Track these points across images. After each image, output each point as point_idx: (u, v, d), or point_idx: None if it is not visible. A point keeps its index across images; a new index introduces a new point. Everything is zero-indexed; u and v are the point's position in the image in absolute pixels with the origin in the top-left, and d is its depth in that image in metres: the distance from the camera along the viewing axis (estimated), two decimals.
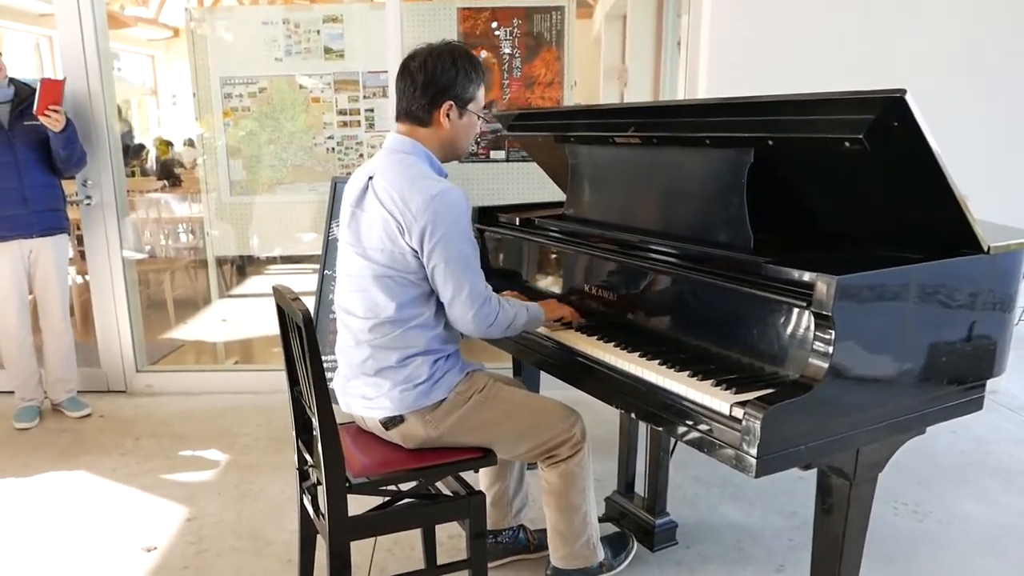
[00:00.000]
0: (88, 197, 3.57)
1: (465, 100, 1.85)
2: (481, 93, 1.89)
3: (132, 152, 7.99)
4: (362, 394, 1.85)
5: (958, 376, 1.64)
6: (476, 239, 1.87)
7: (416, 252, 1.75)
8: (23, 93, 3.23)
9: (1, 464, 3.02)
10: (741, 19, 3.29)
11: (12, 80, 3.25)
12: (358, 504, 1.73)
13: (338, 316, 1.92)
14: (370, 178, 1.83)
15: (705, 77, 3.34)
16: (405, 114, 1.86)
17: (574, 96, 3.84)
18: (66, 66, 3.48)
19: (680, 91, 3.60)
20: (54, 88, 3.16)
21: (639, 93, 5.50)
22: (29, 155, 3.23)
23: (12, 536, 2.49)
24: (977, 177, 2.25)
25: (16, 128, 3.20)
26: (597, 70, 7.22)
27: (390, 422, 1.83)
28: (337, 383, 1.94)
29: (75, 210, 3.64)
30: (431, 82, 1.80)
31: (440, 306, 1.82)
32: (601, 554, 2.06)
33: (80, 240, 3.79)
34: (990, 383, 1.73)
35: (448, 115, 1.83)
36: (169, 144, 8.77)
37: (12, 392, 3.46)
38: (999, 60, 3.33)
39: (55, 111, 3.15)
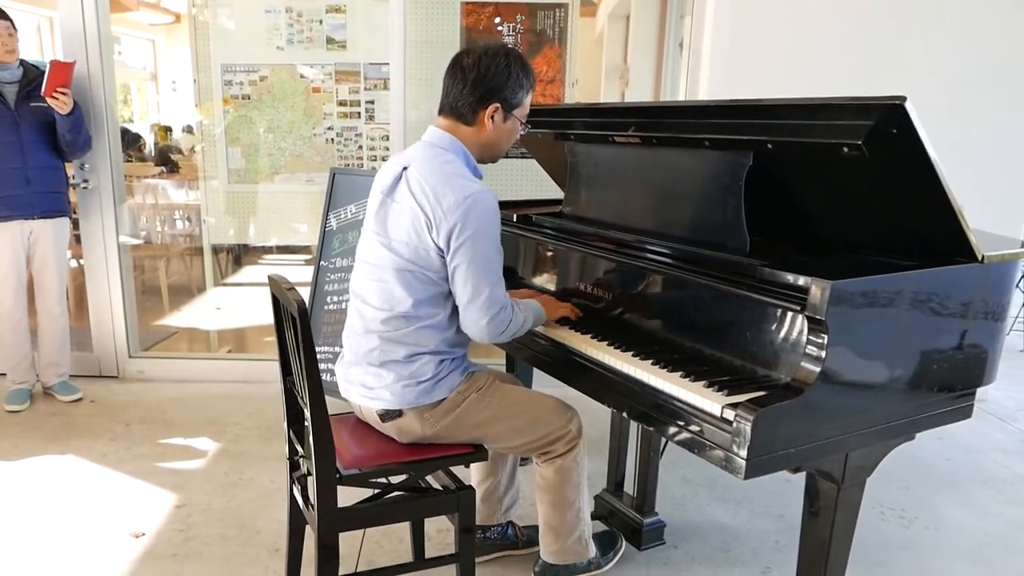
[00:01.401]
0: (85, 181, 3.56)
1: (513, 104, 1.84)
2: (528, 100, 1.88)
3: (128, 141, 7.97)
4: (363, 382, 1.85)
5: (948, 384, 1.65)
6: None
7: (441, 250, 1.74)
8: (31, 74, 3.23)
9: None
10: (744, 22, 3.29)
11: (21, 61, 3.23)
12: (348, 496, 1.73)
13: (351, 302, 1.92)
14: (404, 168, 1.81)
15: (706, 79, 3.34)
16: (450, 110, 1.84)
17: (575, 94, 3.84)
18: (67, 48, 3.46)
19: (681, 92, 3.60)
20: (63, 70, 3.15)
21: (640, 93, 5.51)
22: (34, 136, 3.22)
23: (0, 518, 2.49)
24: (970, 185, 2.26)
25: (23, 109, 3.19)
26: (599, 69, 7.22)
27: (387, 415, 1.83)
28: (339, 368, 1.94)
29: (72, 193, 3.62)
30: (481, 81, 1.78)
31: (456, 308, 1.81)
32: (592, 550, 2.07)
33: (76, 224, 3.78)
34: (980, 391, 1.74)
35: (493, 117, 1.82)
36: (168, 130, 8.74)
37: (3, 374, 3.45)
38: (996, 67, 3.34)
39: (63, 93, 3.14)
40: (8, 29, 3.17)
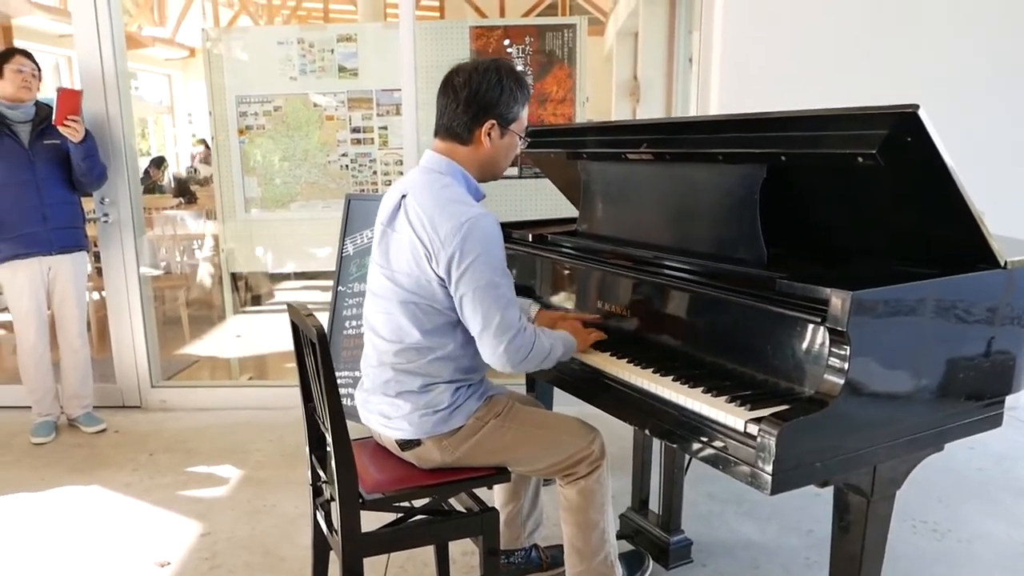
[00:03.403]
0: (105, 215, 3.62)
1: (508, 120, 1.79)
2: (525, 113, 1.84)
3: (155, 163, 8.13)
4: (380, 412, 1.85)
5: (976, 392, 1.62)
6: None
7: (442, 280, 1.70)
8: (43, 112, 3.29)
9: (18, 478, 3.04)
10: (753, 35, 3.30)
11: (36, 101, 3.30)
12: (371, 520, 1.73)
13: (365, 332, 1.91)
14: (403, 196, 1.79)
15: (717, 93, 3.35)
16: (445, 130, 1.80)
17: (587, 112, 3.86)
18: (85, 86, 3.53)
19: (692, 106, 3.61)
20: (72, 98, 3.20)
21: (652, 109, 5.52)
22: (49, 173, 3.27)
23: (27, 549, 2.50)
24: (992, 190, 2.24)
25: (36, 147, 3.25)
26: (609, 86, 7.26)
27: (406, 444, 1.82)
28: (359, 395, 1.94)
29: (92, 227, 3.68)
30: (474, 99, 1.75)
31: (466, 336, 1.78)
32: (619, 572, 2.03)
33: (97, 257, 3.83)
34: (1009, 399, 1.71)
35: (489, 134, 1.78)
36: (195, 171, 8.94)
37: (29, 407, 3.48)
38: (1014, 74, 3.32)
39: (74, 121, 3.19)
40: (32, 70, 3.24)
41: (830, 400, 1.38)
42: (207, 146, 9.07)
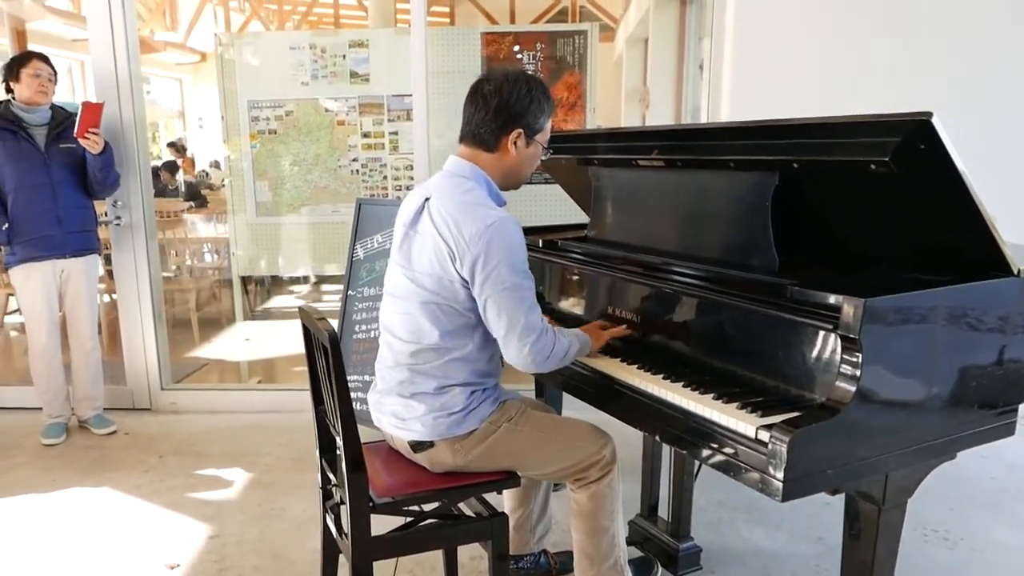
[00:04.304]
0: (118, 218, 3.64)
1: (535, 129, 1.83)
2: (549, 125, 1.87)
3: (167, 167, 8.20)
4: (394, 412, 1.85)
5: (989, 400, 1.61)
6: None
7: (465, 282, 1.72)
8: (59, 116, 3.32)
9: (28, 479, 3.06)
10: (763, 41, 3.30)
11: (51, 104, 3.33)
12: (381, 524, 1.73)
13: (381, 333, 1.92)
14: (426, 199, 1.81)
15: (728, 99, 3.35)
16: (471, 137, 1.83)
17: (596, 119, 3.87)
18: (99, 90, 3.56)
19: (703, 113, 3.61)
20: (94, 111, 3.24)
21: (661, 116, 5.53)
22: (64, 177, 3.30)
23: (37, 550, 2.52)
24: (1005, 199, 2.23)
25: (52, 150, 3.28)
26: (619, 93, 7.27)
27: (419, 446, 1.83)
28: (371, 396, 1.95)
29: (104, 230, 3.70)
30: (504, 107, 1.77)
31: (484, 339, 1.80)
32: None
33: (109, 259, 3.86)
34: (1022, 408, 1.70)
35: (516, 143, 1.80)
36: (206, 175, 9.04)
37: (40, 408, 3.51)
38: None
39: (95, 134, 3.23)
40: (49, 75, 3.28)
41: (842, 407, 1.38)
42: (179, 149, 9.28)
